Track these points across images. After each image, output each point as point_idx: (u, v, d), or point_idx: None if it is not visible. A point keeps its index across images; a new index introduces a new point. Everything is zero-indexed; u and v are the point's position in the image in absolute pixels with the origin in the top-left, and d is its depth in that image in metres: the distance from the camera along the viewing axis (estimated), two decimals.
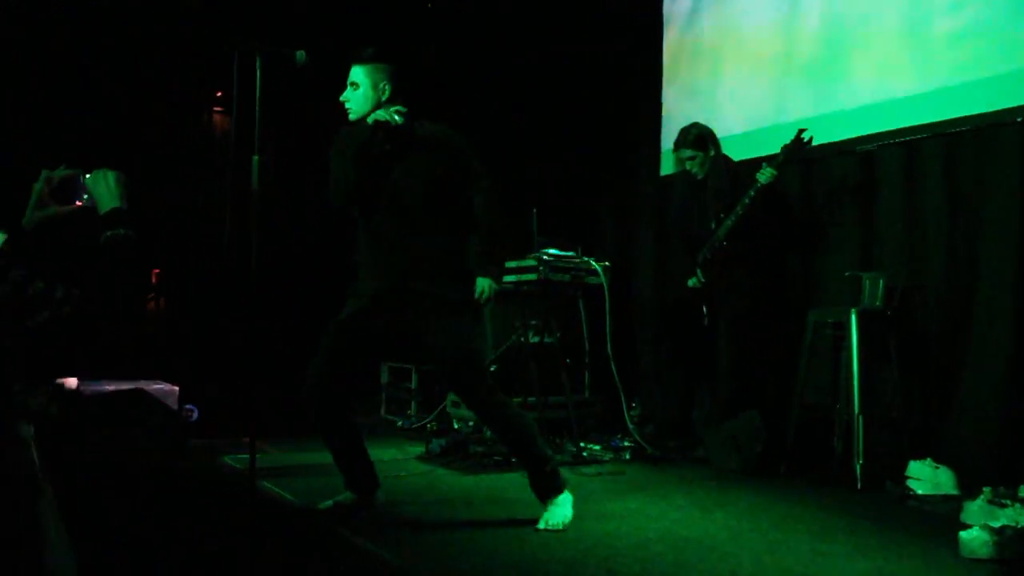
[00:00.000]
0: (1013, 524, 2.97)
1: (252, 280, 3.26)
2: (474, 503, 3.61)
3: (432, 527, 3.24)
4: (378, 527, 3.18)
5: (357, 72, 3.24)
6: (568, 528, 3.17)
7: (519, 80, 6.92)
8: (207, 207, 6.58)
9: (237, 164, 3.43)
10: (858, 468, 3.96)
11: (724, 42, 5.55)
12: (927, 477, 3.78)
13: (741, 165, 4.84)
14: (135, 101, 6.30)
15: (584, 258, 4.89)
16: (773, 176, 4.44)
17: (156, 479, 4.07)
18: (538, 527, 3.15)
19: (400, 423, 5.88)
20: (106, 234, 1.82)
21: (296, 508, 3.50)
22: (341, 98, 3.27)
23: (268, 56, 3.23)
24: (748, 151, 5.06)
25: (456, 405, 5.38)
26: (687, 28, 5.88)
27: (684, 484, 4.08)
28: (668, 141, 5.61)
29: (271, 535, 3.03)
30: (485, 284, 3.29)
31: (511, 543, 3.00)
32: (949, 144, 4.28)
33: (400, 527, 3.22)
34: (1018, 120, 3.98)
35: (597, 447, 4.87)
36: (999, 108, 4.04)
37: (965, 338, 4.12)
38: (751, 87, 5.33)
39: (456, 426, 5.29)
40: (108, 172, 1.90)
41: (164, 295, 6.15)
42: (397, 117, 3.14)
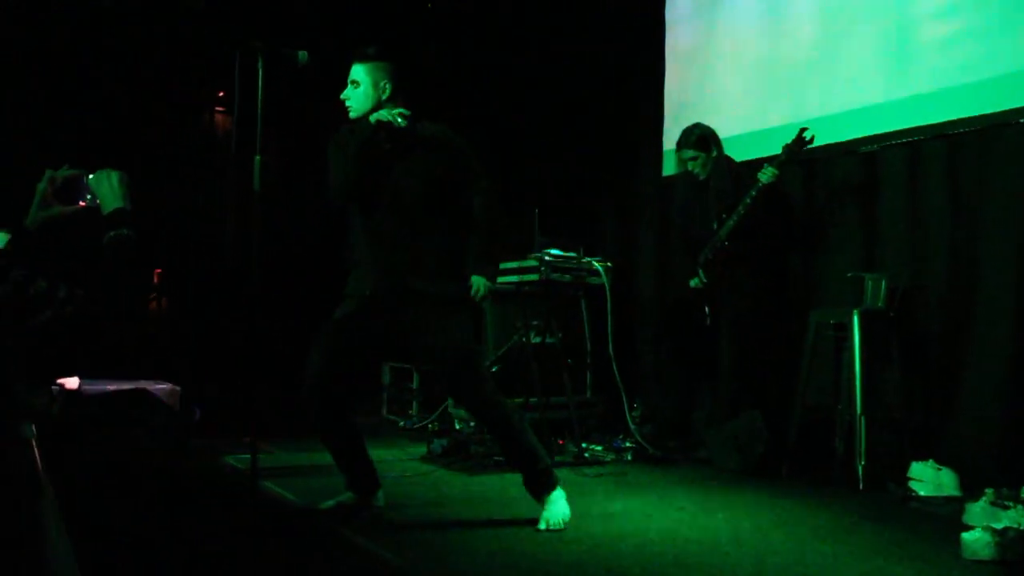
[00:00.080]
0: (1015, 525, 2.97)
1: (253, 280, 3.26)
2: (475, 503, 3.61)
3: (433, 527, 3.24)
4: (379, 527, 3.18)
5: (358, 70, 3.24)
6: (568, 525, 3.18)
7: (520, 80, 6.92)
8: (208, 207, 6.58)
9: (239, 164, 3.43)
10: (860, 469, 3.96)
11: (726, 42, 5.55)
12: (929, 478, 3.78)
13: (743, 166, 4.84)
14: (136, 101, 6.30)
15: (586, 258, 4.89)
16: (775, 176, 4.43)
17: (157, 479, 4.07)
18: (539, 527, 3.14)
19: (402, 423, 5.88)
20: (109, 234, 1.82)
21: (298, 508, 3.50)
22: (342, 96, 3.27)
23: (270, 56, 3.23)
24: (750, 152, 5.05)
25: (458, 405, 5.38)
26: (689, 28, 5.88)
27: (686, 484, 4.09)
28: (670, 142, 5.61)
29: (273, 535, 3.03)
30: (480, 283, 3.34)
31: (513, 543, 2.99)
32: (951, 145, 4.28)
33: (402, 527, 3.22)
34: (1020, 121, 3.98)
35: (599, 447, 4.87)
36: (1002, 109, 4.04)
37: (967, 339, 4.12)
38: (753, 87, 5.33)
39: (458, 426, 5.29)
40: (112, 172, 1.90)
41: (166, 295, 6.16)
42: (400, 120, 3.14)
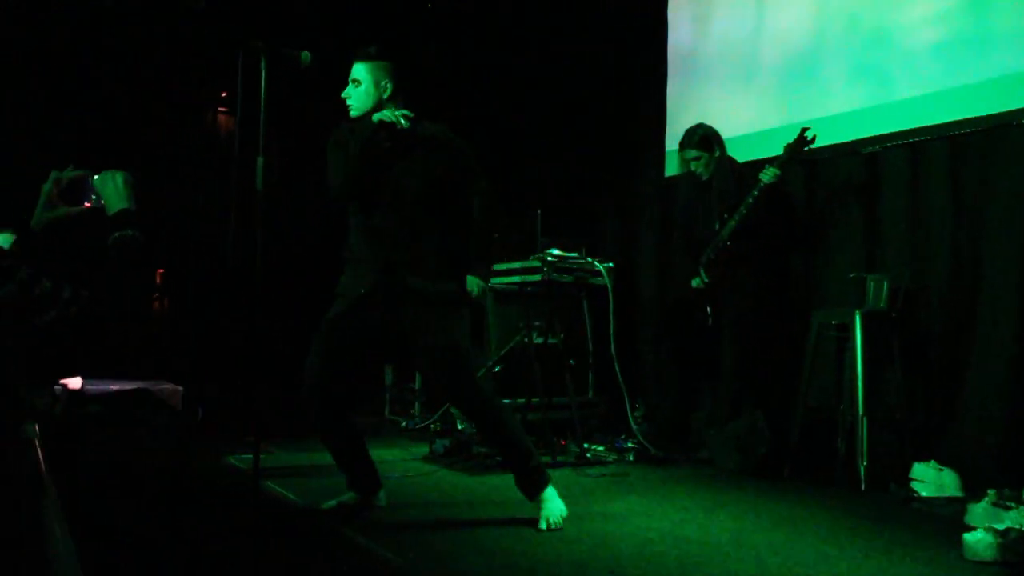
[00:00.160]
0: (1017, 526, 2.97)
1: (256, 280, 3.26)
2: (477, 503, 3.62)
3: (435, 527, 3.24)
4: (381, 527, 3.18)
5: (359, 69, 3.25)
6: (566, 521, 3.21)
7: (522, 80, 6.93)
8: (210, 207, 6.59)
9: (241, 164, 3.43)
10: (862, 469, 3.96)
11: (728, 42, 5.55)
12: (931, 479, 3.78)
13: (745, 166, 4.83)
14: (138, 101, 6.31)
15: (588, 259, 4.89)
16: (776, 175, 4.43)
17: (160, 479, 4.08)
18: (540, 527, 3.15)
19: (404, 423, 5.88)
20: (114, 235, 1.82)
21: (299, 508, 3.51)
22: (343, 95, 3.28)
23: (272, 56, 3.23)
24: (752, 152, 5.05)
25: (452, 404, 5.36)
26: (690, 28, 5.88)
27: (688, 485, 4.09)
28: (672, 142, 5.62)
29: (275, 535, 3.03)
30: (474, 283, 3.43)
31: (514, 543, 3.00)
32: (954, 146, 4.28)
33: (403, 527, 3.22)
34: (1023, 122, 3.97)
35: (601, 448, 4.87)
36: (1004, 110, 4.03)
37: (969, 339, 4.12)
38: (755, 88, 5.33)
39: (460, 427, 5.28)
40: (117, 173, 1.90)
41: (167, 295, 6.16)
42: (404, 121, 3.14)
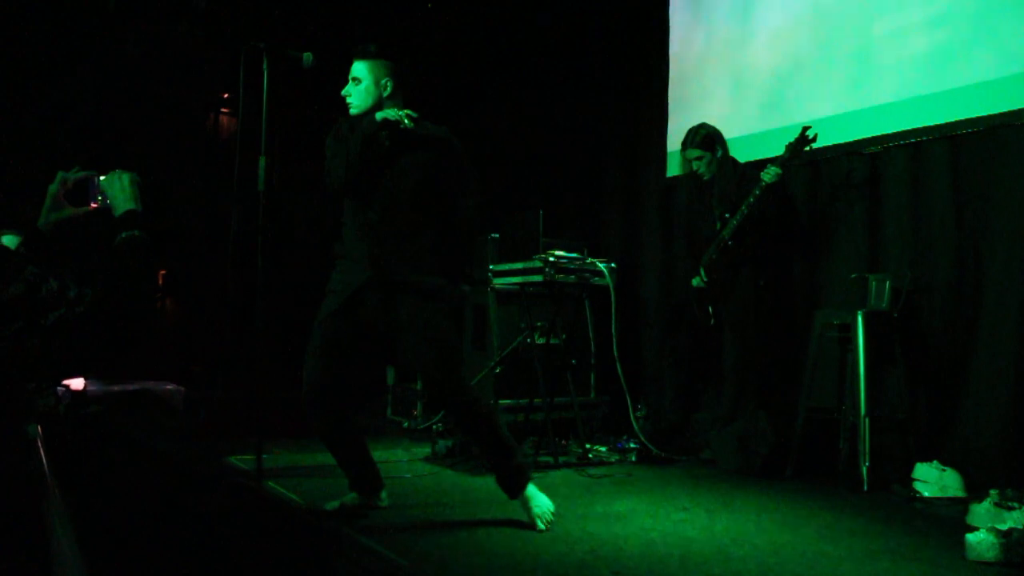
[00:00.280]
0: (1020, 527, 2.96)
1: (258, 281, 3.27)
2: (480, 504, 3.61)
3: (438, 528, 3.24)
4: (384, 528, 3.18)
5: (359, 67, 3.25)
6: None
7: (525, 81, 6.92)
8: (212, 208, 6.60)
9: (243, 165, 3.44)
10: (864, 470, 3.95)
11: (730, 43, 5.55)
12: (933, 479, 3.78)
13: (747, 166, 4.83)
14: (141, 102, 6.31)
15: (590, 259, 4.88)
16: (778, 175, 4.43)
17: (162, 479, 4.08)
18: (539, 528, 3.16)
19: (406, 424, 5.88)
20: (121, 235, 1.82)
21: (302, 509, 3.51)
22: (343, 92, 3.28)
23: (275, 57, 3.24)
24: (754, 153, 5.05)
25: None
26: (692, 29, 5.88)
27: (690, 485, 4.08)
28: (674, 142, 5.62)
29: (277, 536, 3.04)
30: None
31: (517, 544, 3.00)
32: (956, 146, 4.27)
33: (406, 528, 3.22)
34: None
35: (603, 448, 4.87)
36: (1007, 110, 4.03)
37: (971, 339, 4.11)
38: (758, 88, 5.33)
39: None
40: (123, 174, 1.90)
41: (170, 296, 6.17)
42: (408, 121, 3.14)
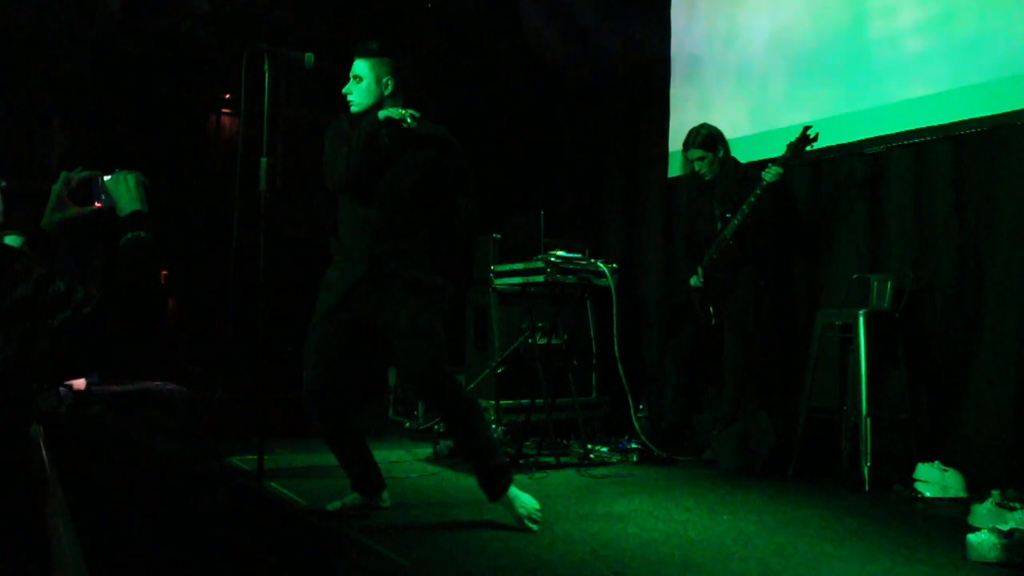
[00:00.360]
0: (1022, 527, 2.96)
1: (260, 281, 3.27)
2: (481, 504, 3.60)
3: (439, 528, 3.24)
4: (385, 528, 3.19)
5: (361, 65, 3.25)
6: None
7: (527, 81, 6.91)
8: (214, 208, 6.59)
9: (245, 165, 3.44)
10: (866, 470, 3.95)
11: (732, 43, 5.55)
12: (935, 479, 3.77)
13: (749, 166, 4.83)
14: (142, 103, 6.31)
15: (591, 260, 4.88)
16: (779, 174, 4.43)
17: (163, 480, 4.08)
18: (532, 528, 3.16)
19: (408, 424, 5.88)
20: (127, 236, 1.82)
21: (303, 509, 3.51)
22: (344, 90, 3.28)
23: (276, 58, 3.24)
24: (756, 153, 5.05)
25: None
26: (694, 29, 5.88)
27: (691, 486, 4.08)
28: (675, 143, 5.62)
29: (278, 536, 3.04)
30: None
31: (518, 544, 3.00)
32: (958, 146, 4.27)
33: (407, 528, 3.22)
34: None
35: (604, 448, 4.87)
36: (1009, 110, 4.03)
37: (973, 340, 4.11)
38: (759, 89, 5.33)
39: None
40: (128, 174, 1.89)
41: (171, 296, 6.17)
42: (410, 120, 3.14)
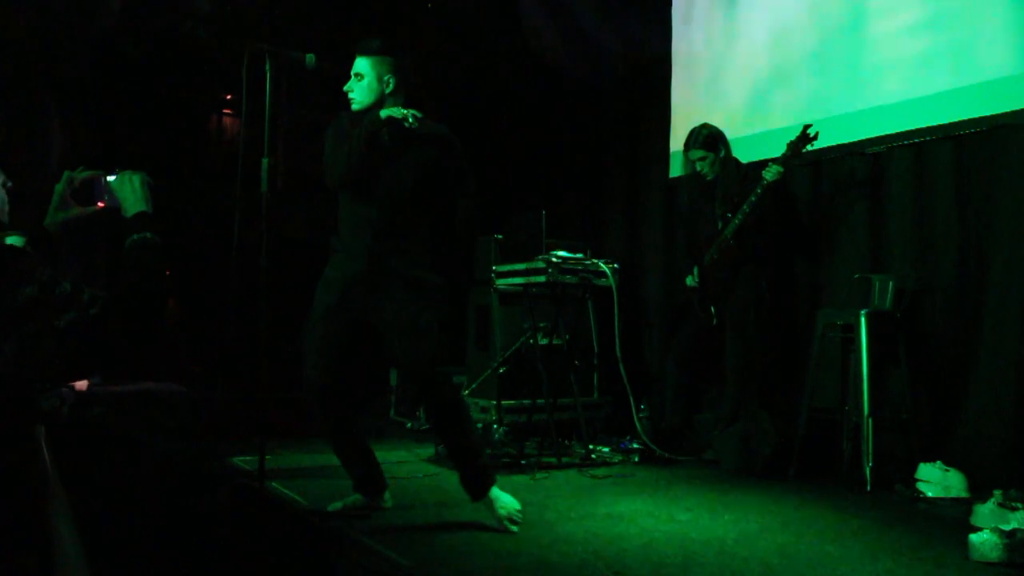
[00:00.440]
0: None
1: (261, 282, 3.27)
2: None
3: (441, 528, 3.24)
4: (387, 528, 3.19)
5: (362, 63, 3.26)
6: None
7: (528, 81, 6.91)
8: (215, 209, 6.59)
9: (246, 166, 3.43)
10: (867, 470, 3.95)
11: (733, 43, 5.55)
12: (937, 479, 3.77)
13: (750, 167, 4.83)
14: (143, 103, 6.31)
15: (593, 260, 4.88)
16: (779, 173, 4.43)
17: (165, 481, 4.08)
18: (512, 529, 3.17)
19: (409, 425, 5.88)
20: (132, 237, 1.81)
21: (305, 509, 3.51)
22: (345, 88, 3.29)
23: (277, 59, 3.24)
24: (757, 153, 5.05)
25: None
26: (697, 29, 5.87)
27: (693, 486, 4.08)
28: (676, 143, 5.61)
29: (279, 537, 3.04)
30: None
31: (520, 545, 3.00)
32: (959, 146, 4.27)
33: (409, 529, 3.23)
34: None
35: (606, 449, 4.87)
36: (1010, 110, 4.02)
37: (975, 340, 4.11)
38: (760, 89, 5.32)
39: None
40: (134, 174, 1.88)
41: (173, 296, 6.17)
42: (412, 120, 3.15)
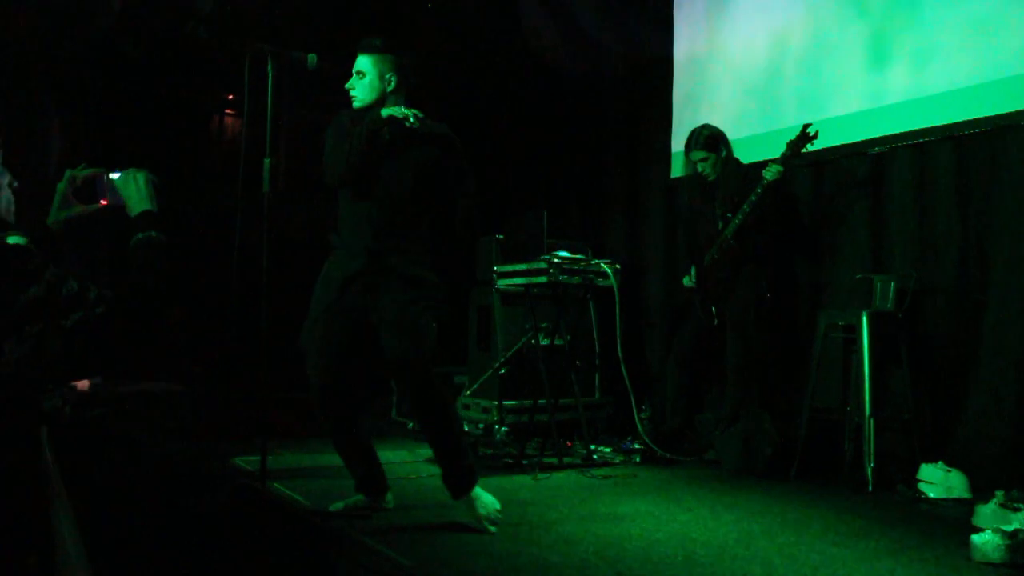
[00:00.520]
0: None
1: (262, 282, 3.27)
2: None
3: (442, 529, 3.24)
4: (389, 529, 3.19)
5: (364, 61, 3.26)
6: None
7: (530, 81, 6.91)
8: (217, 209, 6.59)
9: (248, 167, 3.44)
10: (869, 471, 3.95)
11: (734, 44, 5.55)
12: (939, 480, 3.77)
13: (751, 167, 4.83)
14: (145, 103, 6.32)
15: (594, 260, 4.88)
16: (779, 173, 4.43)
17: (166, 481, 4.08)
18: (491, 530, 3.16)
19: (411, 425, 5.86)
20: (137, 236, 1.81)
21: (307, 510, 3.51)
22: (346, 86, 3.29)
23: (279, 59, 3.24)
24: (758, 153, 5.05)
25: (466, 408, 5.38)
26: (699, 29, 5.88)
27: (694, 486, 4.08)
28: (678, 143, 5.61)
29: (281, 537, 3.04)
30: None
31: (521, 545, 3.00)
32: (960, 147, 4.27)
33: (411, 529, 3.23)
34: None
35: (607, 449, 4.87)
36: (1011, 111, 4.02)
37: (976, 340, 4.11)
38: (761, 89, 5.32)
39: (466, 428, 5.28)
40: (138, 173, 1.88)
41: (177, 304, 6.17)
42: (413, 120, 3.15)
